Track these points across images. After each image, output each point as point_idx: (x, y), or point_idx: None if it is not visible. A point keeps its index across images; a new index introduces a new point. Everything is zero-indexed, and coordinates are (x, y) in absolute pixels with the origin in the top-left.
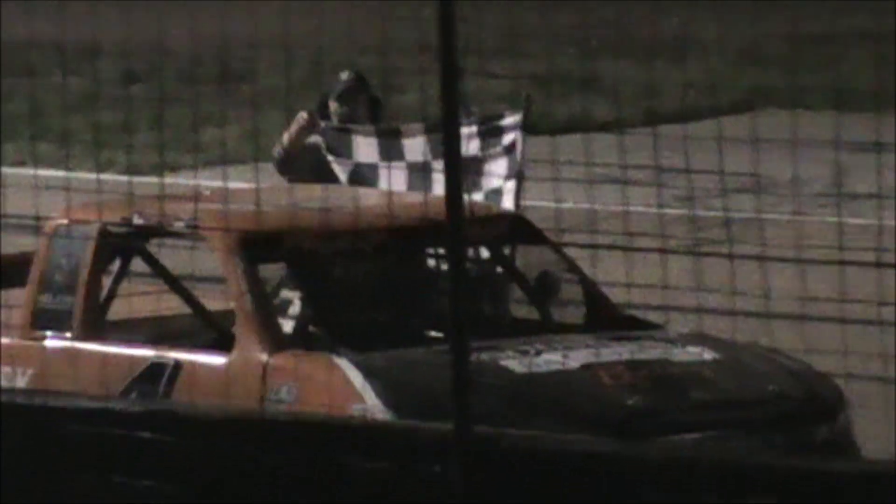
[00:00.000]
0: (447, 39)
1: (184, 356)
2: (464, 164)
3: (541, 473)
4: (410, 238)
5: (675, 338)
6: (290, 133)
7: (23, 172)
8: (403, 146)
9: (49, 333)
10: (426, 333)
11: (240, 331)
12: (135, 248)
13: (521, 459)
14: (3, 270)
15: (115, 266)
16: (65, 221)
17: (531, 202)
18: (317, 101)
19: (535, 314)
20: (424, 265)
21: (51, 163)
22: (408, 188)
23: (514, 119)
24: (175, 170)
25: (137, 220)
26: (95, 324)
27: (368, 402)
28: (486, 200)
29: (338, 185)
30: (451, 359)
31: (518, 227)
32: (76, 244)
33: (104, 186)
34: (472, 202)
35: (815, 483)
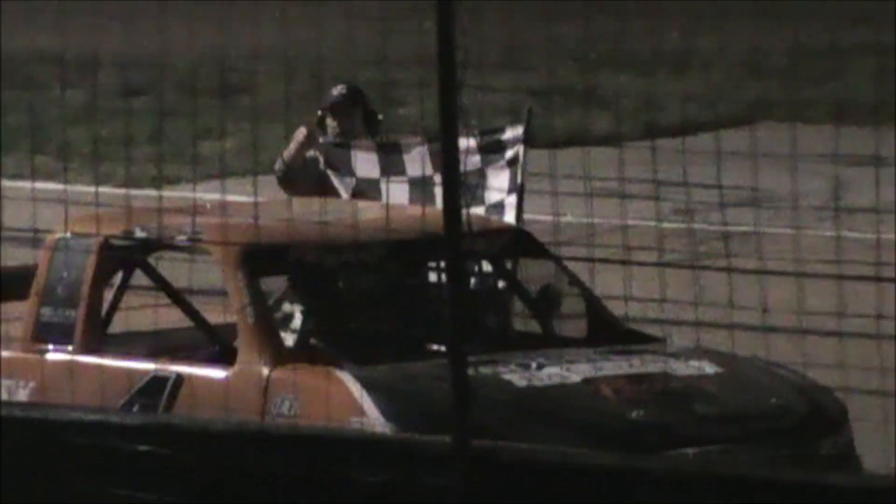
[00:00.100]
0: (446, 52)
1: (185, 369)
2: (465, 179)
3: (540, 486)
4: (412, 251)
5: (678, 351)
6: (290, 149)
7: (21, 185)
8: (404, 160)
9: (50, 346)
10: (427, 347)
11: (242, 344)
12: (136, 262)
13: (521, 472)
14: (5, 283)
15: (117, 279)
16: (66, 234)
17: (530, 216)
18: (317, 116)
19: (538, 328)
20: (426, 278)
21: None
22: (409, 203)
23: (516, 133)
24: (174, 183)
25: (139, 234)
26: (97, 337)
27: (370, 416)
28: (488, 214)
29: (339, 199)
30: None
31: (520, 241)
32: (78, 257)
33: (103, 199)
34: (475, 216)
35: (818, 497)
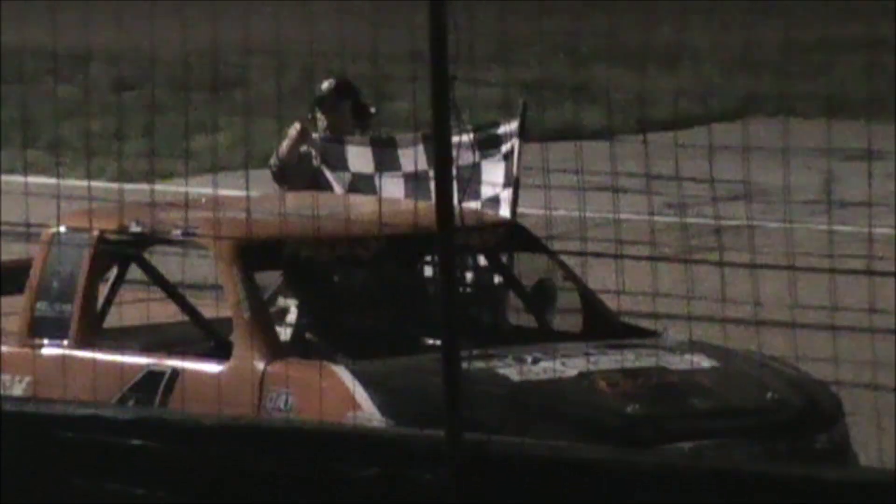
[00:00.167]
0: (438, 46)
1: (181, 364)
2: (461, 173)
3: (532, 480)
4: (407, 246)
5: (673, 345)
6: (285, 145)
7: (13, 180)
8: (399, 155)
9: (46, 341)
10: (423, 341)
11: (237, 339)
12: (132, 256)
13: (513, 466)
14: (2, 277)
15: (113, 274)
16: (62, 229)
17: (522, 209)
18: (309, 111)
19: (533, 322)
20: (421, 273)
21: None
22: (405, 198)
23: (511, 127)
24: (166, 177)
25: (135, 228)
26: (92, 332)
27: (365, 410)
28: (484, 209)
29: (335, 194)
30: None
31: (516, 236)
32: (73, 252)
33: (95, 194)
34: (471, 210)
35: (815, 492)
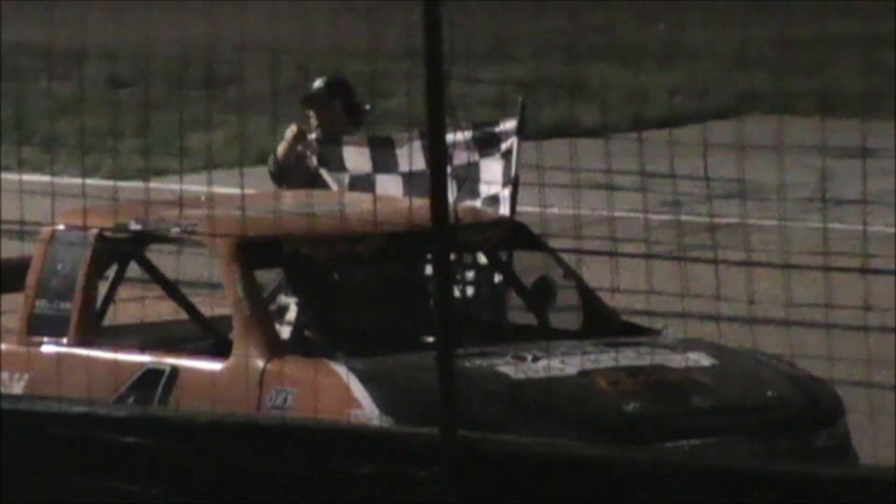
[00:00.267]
0: (433, 44)
1: (180, 362)
2: (461, 172)
3: (528, 478)
4: (407, 244)
5: (674, 343)
6: (282, 147)
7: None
8: (397, 155)
9: (45, 339)
10: (423, 339)
11: (237, 337)
12: (131, 254)
13: (509, 464)
14: (2, 275)
15: (112, 272)
16: (61, 227)
17: (518, 207)
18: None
19: (533, 320)
20: (421, 271)
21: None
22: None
23: (510, 125)
24: (161, 174)
25: (134, 226)
26: (92, 329)
27: (366, 408)
28: (484, 207)
29: (334, 192)
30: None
31: (516, 234)
32: (73, 250)
33: (90, 191)
34: (468, 208)
35: (815, 489)
